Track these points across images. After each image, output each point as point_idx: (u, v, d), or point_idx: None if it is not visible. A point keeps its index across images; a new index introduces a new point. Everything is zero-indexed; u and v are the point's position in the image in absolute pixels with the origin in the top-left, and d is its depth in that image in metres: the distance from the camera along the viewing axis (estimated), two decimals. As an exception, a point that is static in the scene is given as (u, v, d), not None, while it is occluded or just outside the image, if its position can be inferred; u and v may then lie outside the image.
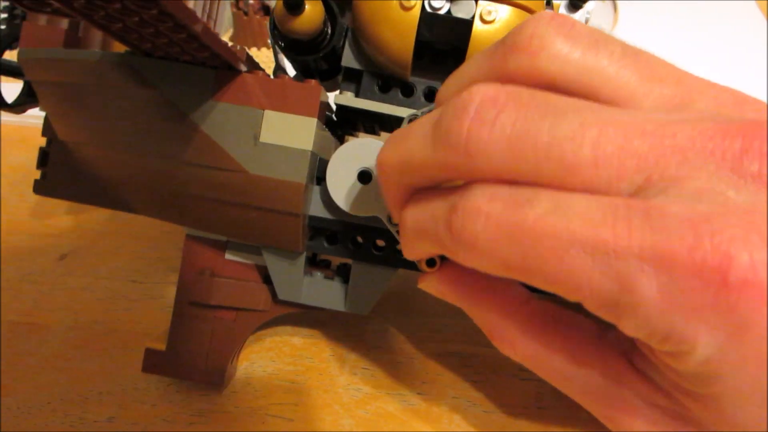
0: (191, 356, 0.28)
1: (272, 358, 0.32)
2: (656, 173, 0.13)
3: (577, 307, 0.16)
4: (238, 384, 0.30)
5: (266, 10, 0.49)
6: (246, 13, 0.49)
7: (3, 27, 0.28)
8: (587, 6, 0.27)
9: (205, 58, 0.21)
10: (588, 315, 0.16)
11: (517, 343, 0.18)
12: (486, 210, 0.14)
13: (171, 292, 0.34)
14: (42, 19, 0.26)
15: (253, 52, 0.52)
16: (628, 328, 0.13)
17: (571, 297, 0.14)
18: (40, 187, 0.29)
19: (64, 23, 0.26)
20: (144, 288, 0.36)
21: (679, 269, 0.12)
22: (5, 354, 0.33)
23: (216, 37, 0.19)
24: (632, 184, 0.13)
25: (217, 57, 0.21)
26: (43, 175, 0.29)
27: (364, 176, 0.24)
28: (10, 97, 0.29)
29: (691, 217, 0.12)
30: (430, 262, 0.20)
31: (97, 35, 0.28)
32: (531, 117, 0.14)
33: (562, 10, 0.27)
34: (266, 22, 0.48)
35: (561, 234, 0.13)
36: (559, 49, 0.15)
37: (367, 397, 0.30)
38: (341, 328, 0.32)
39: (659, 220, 0.12)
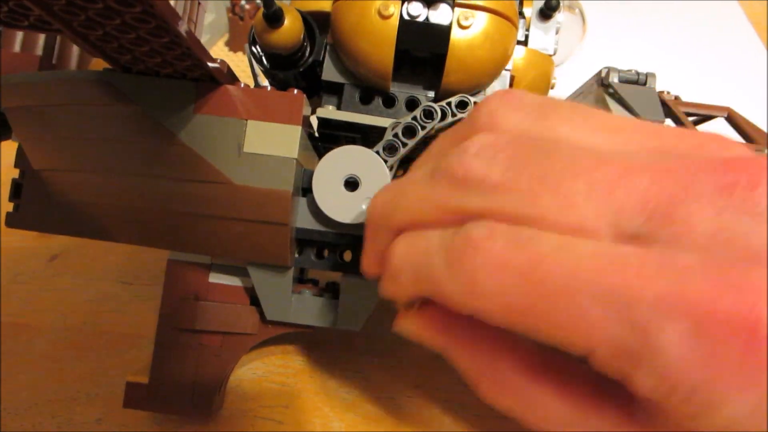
0: (176, 387, 0.26)
1: (263, 360, 0.31)
2: (659, 211, 0.12)
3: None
4: (229, 386, 0.30)
5: None
6: (242, 18, 0.49)
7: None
8: (557, 17, 0.28)
9: (186, 68, 0.21)
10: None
11: (507, 391, 0.16)
12: (487, 245, 0.13)
13: (161, 294, 0.34)
14: (15, 46, 0.26)
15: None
16: (644, 384, 0.12)
17: (579, 347, 0.13)
18: (12, 220, 0.27)
19: (39, 49, 0.26)
20: (134, 289, 0.35)
21: (703, 319, 0.11)
22: (-7, 354, 0.32)
23: (199, 42, 0.19)
24: (634, 223, 0.12)
25: (198, 67, 0.21)
26: (15, 207, 0.27)
27: (351, 184, 0.23)
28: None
29: (710, 266, 0.11)
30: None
31: (71, 61, 0.27)
32: (527, 152, 0.14)
33: (534, 20, 0.28)
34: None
35: (568, 275, 0.12)
36: (512, 121, 0.16)
37: (358, 400, 0.29)
38: (332, 331, 0.32)
39: (674, 269, 0.11)
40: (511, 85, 0.27)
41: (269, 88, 0.24)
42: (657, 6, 0.53)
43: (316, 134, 0.28)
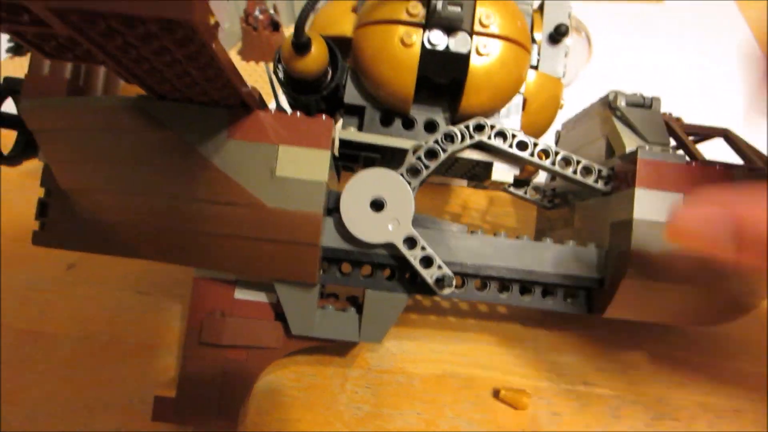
0: (203, 401, 0.27)
1: (276, 373, 0.32)
2: None
3: None
4: None
5: (275, 25, 0.50)
6: (255, 29, 0.50)
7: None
8: (566, 41, 0.29)
9: (222, 97, 0.22)
10: None
11: None
12: None
13: (177, 304, 0.35)
14: (44, 69, 0.26)
15: (261, 65, 0.53)
16: None
17: None
18: (39, 238, 0.28)
19: (67, 72, 0.27)
20: (151, 300, 0.36)
21: None
22: (11, 362, 0.33)
23: (238, 73, 0.20)
24: None
25: (233, 96, 0.22)
26: (42, 226, 0.28)
27: (377, 205, 0.25)
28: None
29: None
30: None
31: (98, 83, 0.28)
32: None
33: (544, 44, 0.29)
34: (275, 37, 0.50)
35: None
36: None
37: (368, 416, 0.30)
38: (344, 347, 0.32)
39: None
40: (523, 107, 0.28)
41: (290, 110, 0.25)
42: (657, 26, 0.55)
43: (336, 153, 0.29)
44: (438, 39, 0.25)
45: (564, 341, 0.33)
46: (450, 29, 0.25)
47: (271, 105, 0.28)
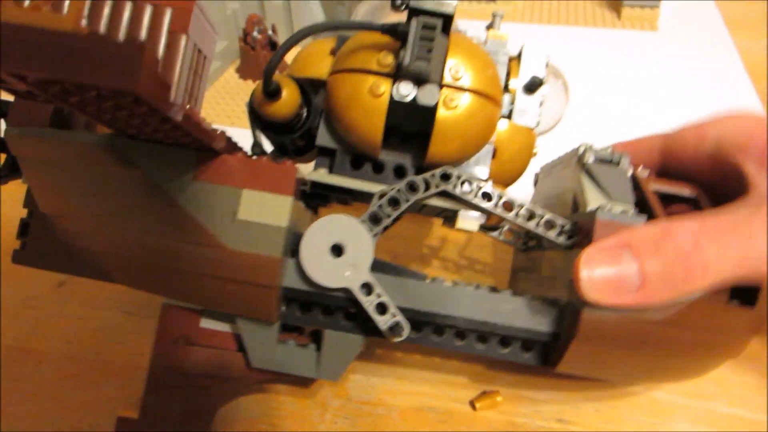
0: (165, 425, 0.28)
1: (257, 400, 0.32)
2: None
3: None
4: (220, 425, 0.31)
5: (273, 45, 0.52)
6: (253, 48, 0.51)
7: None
8: (541, 90, 0.30)
9: (187, 142, 0.23)
10: None
11: None
12: None
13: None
14: (30, 99, 0.27)
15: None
16: None
17: None
18: (19, 257, 0.29)
19: (52, 102, 0.28)
20: (137, 321, 0.37)
21: None
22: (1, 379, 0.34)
23: (199, 126, 0.21)
24: None
25: (199, 140, 0.23)
26: (22, 245, 0.29)
27: (337, 250, 0.25)
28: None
29: None
30: None
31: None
32: None
33: (519, 93, 0.29)
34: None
35: None
36: None
37: (346, 448, 0.31)
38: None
39: None
40: (494, 156, 0.28)
41: (267, 148, 0.26)
42: (650, 54, 0.55)
43: (308, 191, 0.30)
44: (406, 90, 0.25)
45: (542, 377, 0.33)
46: (419, 81, 0.25)
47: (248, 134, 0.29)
